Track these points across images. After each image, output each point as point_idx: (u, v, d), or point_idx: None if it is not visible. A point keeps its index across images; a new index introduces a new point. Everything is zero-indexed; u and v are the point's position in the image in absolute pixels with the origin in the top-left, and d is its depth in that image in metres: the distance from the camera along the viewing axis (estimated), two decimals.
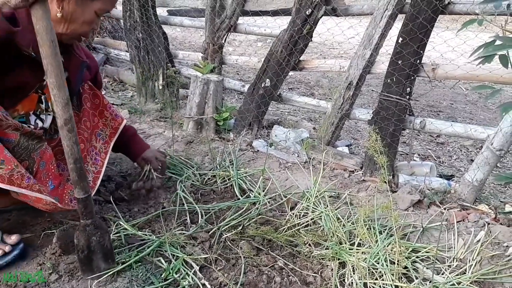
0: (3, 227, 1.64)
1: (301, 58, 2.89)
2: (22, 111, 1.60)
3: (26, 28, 1.37)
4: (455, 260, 1.75)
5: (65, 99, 1.25)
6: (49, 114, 1.71)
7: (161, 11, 3.84)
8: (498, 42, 1.37)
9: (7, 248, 1.53)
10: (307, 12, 2.63)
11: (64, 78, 1.25)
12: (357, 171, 2.55)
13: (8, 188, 1.37)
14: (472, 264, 1.69)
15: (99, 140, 1.96)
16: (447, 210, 2.10)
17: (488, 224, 1.94)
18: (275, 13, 3.07)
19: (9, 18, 1.32)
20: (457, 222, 1.97)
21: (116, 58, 4.74)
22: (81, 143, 1.82)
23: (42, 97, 1.66)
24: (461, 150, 3.42)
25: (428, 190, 2.25)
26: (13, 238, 1.57)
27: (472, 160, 2.21)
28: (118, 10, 4.60)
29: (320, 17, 2.67)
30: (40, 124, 1.67)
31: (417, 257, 1.75)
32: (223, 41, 3.31)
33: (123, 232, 1.74)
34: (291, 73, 3.05)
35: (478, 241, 1.83)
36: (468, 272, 1.66)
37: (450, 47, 2.54)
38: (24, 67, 1.50)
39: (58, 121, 1.27)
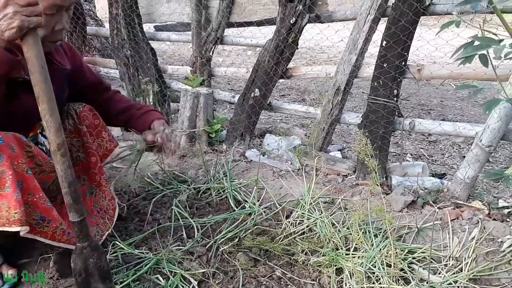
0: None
1: (289, 66, 2.91)
2: (31, 134, 1.65)
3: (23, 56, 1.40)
4: (451, 258, 1.76)
5: (58, 124, 1.26)
6: None
7: (148, 28, 3.86)
8: (476, 43, 1.39)
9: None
10: (291, 21, 2.66)
11: (55, 103, 1.25)
12: (351, 175, 2.56)
13: (48, 242, 1.52)
14: (468, 262, 1.71)
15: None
16: (441, 209, 2.11)
17: (482, 220, 1.96)
18: (259, 23, 3.10)
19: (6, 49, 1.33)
20: (451, 220, 1.99)
21: (106, 76, 4.75)
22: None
23: None
24: (453, 148, 3.44)
25: (421, 190, 2.27)
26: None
27: (465, 157, 2.23)
28: (105, 28, 4.62)
29: (305, 25, 2.70)
30: (47, 143, 1.71)
31: (413, 258, 1.76)
32: (210, 54, 3.33)
33: (120, 251, 1.74)
34: (281, 80, 3.08)
35: (473, 238, 1.84)
36: (464, 270, 1.67)
37: (434, 47, 2.57)
38: (28, 93, 1.48)
39: (51, 147, 1.28)
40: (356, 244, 1.82)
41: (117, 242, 1.79)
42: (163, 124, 1.90)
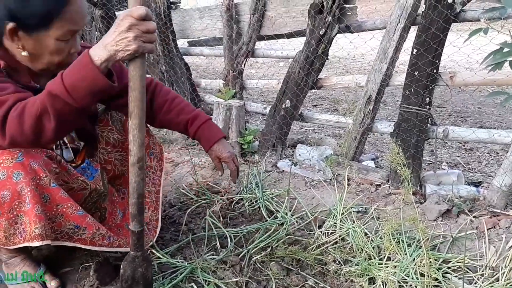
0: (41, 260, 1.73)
1: (320, 76, 2.93)
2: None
3: None
4: (487, 268, 1.73)
5: (142, 140, 1.33)
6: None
7: (182, 43, 3.98)
8: (506, 49, 1.38)
9: None
10: (320, 32, 2.69)
11: (145, 120, 1.31)
12: (384, 185, 2.55)
13: (89, 248, 1.58)
14: (505, 271, 1.67)
15: (153, 159, 1.96)
16: (477, 218, 2.07)
17: None
18: (289, 35, 3.14)
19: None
20: (488, 229, 1.95)
21: None
22: None
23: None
24: (490, 155, 3.35)
25: (457, 199, 2.23)
26: (53, 284, 1.67)
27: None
28: None
29: (334, 36, 2.72)
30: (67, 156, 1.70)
31: (448, 267, 1.74)
32: (242, 67, 3.40)
33: (156, 260, 1.80)
34: (313, 90, 3.09)
35: (511, 247, 1.80)
36: (501, 280, 1.64)
37: (466, 53, 2.54)
38: None
39: (131, 159, 1.34)
40: (389, 254, 1.81)
41: (153, 251, 1.85)
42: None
